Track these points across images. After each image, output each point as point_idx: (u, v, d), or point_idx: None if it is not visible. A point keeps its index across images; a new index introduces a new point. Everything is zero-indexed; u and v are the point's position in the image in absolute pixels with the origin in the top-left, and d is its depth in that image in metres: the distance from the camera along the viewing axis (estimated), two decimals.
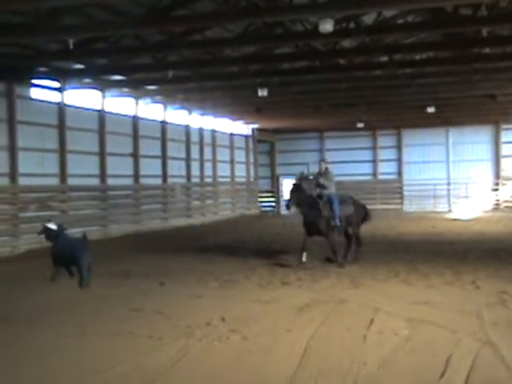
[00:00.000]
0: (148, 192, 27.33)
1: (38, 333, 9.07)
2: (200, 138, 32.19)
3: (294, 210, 16.64)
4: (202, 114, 31.91)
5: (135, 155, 26.24)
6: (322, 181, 16.12)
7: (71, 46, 16.21)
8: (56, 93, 21.61)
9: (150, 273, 14.62)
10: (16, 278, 14.58)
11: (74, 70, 20.68)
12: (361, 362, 7.27)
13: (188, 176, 30.80)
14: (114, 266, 15.71)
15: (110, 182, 24.41)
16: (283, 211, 39.92)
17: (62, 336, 8.85)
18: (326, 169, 16.47)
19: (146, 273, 14.67)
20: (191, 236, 24.40)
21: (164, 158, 28.58)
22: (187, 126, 30.82)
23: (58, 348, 8.26)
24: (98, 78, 21.82)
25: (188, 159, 30.80)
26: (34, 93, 20.79)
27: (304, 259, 15.18)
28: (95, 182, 23.75)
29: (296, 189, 16.29)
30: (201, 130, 32.26)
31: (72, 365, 7.49)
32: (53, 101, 21.56)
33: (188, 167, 30.83)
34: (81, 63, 20.13)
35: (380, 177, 40.12)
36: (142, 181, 26.66)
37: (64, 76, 20.79)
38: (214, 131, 33.75)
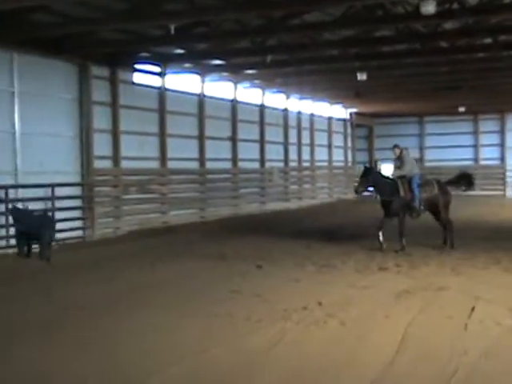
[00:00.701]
0: (246, 176, 27.54)
1: (139, 313, 9.29)
2: (298, 122, 32.16)
3: (362, 193, 17.01)
4: (300, 98, 31.83)
5: (233, 139, 26.47)
6: (397, 164, 16.14)
7: (172, 31, 16.43)
8: (157, 77, 22.02)
9: (247, 256, 14.75)
10: (117, 257, 14.97)
11: (175, 55, 21.01)
12: (461, 351, 7.10)
13: (286, 160, 30.85)
14: (211, 249, 15.94)
15: (209, 165, 24.71)
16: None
17: (164, 316, 9.04)
18: (401, 153, 16.33)
19: (244, 256, 14.81)
20: (288, 220, 24.46)
21: (262, 141, 28.71)
22: (285, 109, 30.83)
23: (159, 328, 8.44)
24: (198, 62, 22.10)
25: (286, 143, 30.84)
26: (136, 78, 21.24)
27: (381, 238, 15.22)
28: (194, 165, 24.10)
29: (367, 172, 16.36)
30: (299, 114, 32.21)
31: (172, 345, 7.63)
32: (154, 85, 21.98)
33: (286, 151, 30.88)
34: (181, 48, 20.42)
35: (482, 162, 39.02)
36: (240, 164, 26.87)
37: (165, 61, 21.15)
38: (312, 115, 33.64)
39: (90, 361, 7.10)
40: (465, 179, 16.75)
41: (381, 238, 15.32)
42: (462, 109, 34.68)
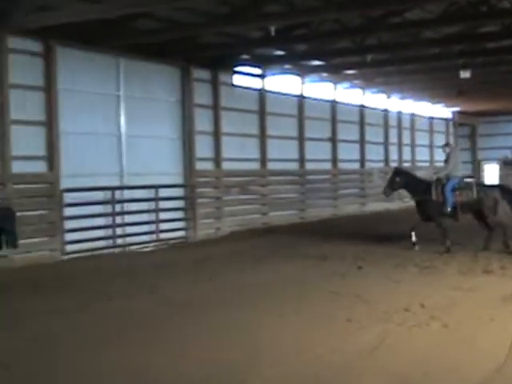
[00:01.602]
0: (345, 176, 27.40)
1: (240, 312, 9.40)
2: (398, 122, 31.76)
3: (390, 195, 16.89)
4: (401, 98, 31.41)
5: (333, 140, 26.38)
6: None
7: (273, 33, 16.55)
8: (257, 79, 22.22)
9: (347, 256, 14.67)
10: (219, 258, 15.18)
11: (275, 57, 21.15)
12: None
13: (386, 160, 30.52)
14: (311, 250, 15.93)
15: (309, 166, 24.72)
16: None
17: (264, 316, 9.12)
18: (449, 153, 16.02)
19: (343, 256, 14.74)
20: (388, 221, 24.16)
21: (362, 142, 28.52)
22: (385, 109, 30.50)
23: (259, 328, 8.51)
24: (298, 63, 22.18)
25: (386, 143, 30.51)
26: (237, 80, 21.50)
27: (413, 239, 15.35)
28: (294, 166, 24.17)
29: (396, 174, 16.45)
30: (399, 114, 31.80)
31: (273, 345, 7.66)
32: (254, 87, 22.19)
33: (386, 152, 30.55)
34: (281, 49, 20.54)
35: None
36: (340, 165, 26.76)
37: (265, 63, 21.32)
38: (412, 115, 33.14)
39: (193, 359, 7.22)
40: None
41: (413, 238, 15.40)
42: None
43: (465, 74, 21.42)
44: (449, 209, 15.33)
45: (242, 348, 7.58)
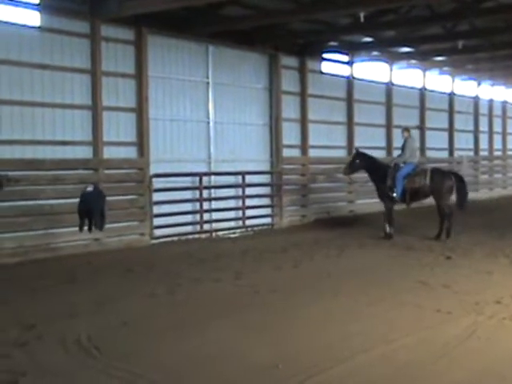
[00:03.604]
0: (434, 165, 26.84)
1: (325, 299, 9.42)
2: (489, 110, 30.95)
3: (350, 175, 17.88)
4: (492, 85, 30.58)
5: (422, 128, 25.95)
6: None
7: (361, 20, 16.36)
8: (345, 66, 22.04)
9: (436, 246, 14.47)
10: (305, 245, 15.19)
11: (363, 43, 20.93)
12: None
13: (476, 149, 29.84)
14: (397, 238, 15.75)
15: (396, 154, 24.34)
16: None
17: (351, 304, 9.10)
18: (407, 138, 16.55)
19: (432, 246, 14.55)
20: (478, 210, 23.61)
21: (451, 130, 27.94)
22: (476, 97, 29.78)
23: (347, 315, 8.52)
24: (386, 50, 21.88)
25: (476, 132, 29.80)
26: (324, 67, 21.37)
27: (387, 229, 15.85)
28: (382, 154, 23.85)
29: (357, 157, 16.70)
30: (490, 102, 30.99)
31: (360, 333, 7.64)
32: (342, 74, 22.02)
33: (476, 140, 29.85)
34: (370, 36, 20.31)
35: None
36: (428, 154, 26.30)
37: (353, 49, 21.13)
38: (504, 102, 32.23)
39: (277, 345, 7.27)
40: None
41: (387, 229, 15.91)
42: None
43: None
44: (394, 194, 15.82)
45: (329, 335, 7.60)
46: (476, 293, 9.59)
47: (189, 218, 16.77)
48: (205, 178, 16.92)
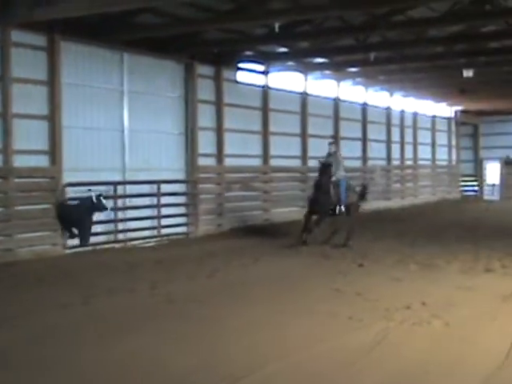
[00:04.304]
0: (348, 174, 27.30)
1: (241, 308, 9.44)
2: (401, 120, 31.74)
3: None
4: (404, 96, 31.39)
5: (335, 137, 26.36)
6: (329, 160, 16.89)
7: (276, 30, 16.55)
8: (260, 76, 22.21)
9: (349, 254, 14.71)
10: (221, 253, 15.18)
11: (278, 54, 21.14)
12: None
13: (388, 159, 30.53)
14: (313, 247, 15.94)
15: (311, 163, 24.70)
16: (486, 195, 38.65)
17: (265, 313, 9.14)
18: (336, 152, 17.34)
19: (345, 254, 14.78)
20: (390, 219, 24.19)
21: (364, 140, 28.51)
22: (388, 108, 30.49)
23: (261, 324, 8.54)
24: (301, 60, 22.16)
25: (388, 141, 30.50)
26: (240, 76, 21.49)
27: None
28: (296, 163, 24.17)
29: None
30: (402, 112, 31.79)
31: (273, 341, 7.70)
32: (257, 84, 22.18)
33: (388, 149, 30.55)
34: (285, 46, 20.54)
35: None
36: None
37: (268, 59, 21.30)
38: (415, 113, 33.13)
39: (193, 354, 7.24)
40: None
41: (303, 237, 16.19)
42: None
43: (468, 73, 21.44)
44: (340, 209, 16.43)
45: (243, 344, 7.61)
46: (387, 299, 9.79)
47: (103, 227, 16.53)
48: (119, 187, 16.72)
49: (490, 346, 7.37)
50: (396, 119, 31.22)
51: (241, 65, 21.16)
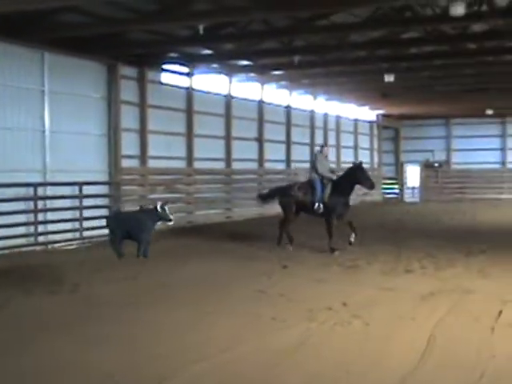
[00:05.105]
0: (271, 176, 27.55)
1: (165, 310, 9.37)
2: (324, 124, 32.15)
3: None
4: (327, 100, 31.80)
5: (260, 140, 26.52)
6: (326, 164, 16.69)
7: (201, 32, 16.53)
8: (185, 78, 22.15)
9: (273, 256, 14.78)
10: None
11: (203, 56, 21.13)
12: (489, 355, 7.06)
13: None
14: (237, 249, 15.97)
15: (235, 166, 24.79)
16: (407, 198, 39.53)
17: (189, 314, 9.10)
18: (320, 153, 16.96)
19: (269, 256, 14.85)
20: (313, 221, 24.38)
21: (288, 142, 28.75)
22: (312, 111, 30.84)
23: (185, 326, 8.51)
24: (226, 63, 22.20)
25: (312, 144, 30.82)
26: (164, 78, 21.38)
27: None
28: (221, 165, 24.19)
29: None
30: (325, 116, 32.20)
31: (197, 343, 7.67)
32: (181, 85, 22.11)
33: (312, 152, 30.84)
34: (209, 48, 20.53)
35: (509, 166, 38.71)
36: (266, 165, 26.92)
37: (193, 61, 21.28)
38: (338, 117, 33.61)
39: (117, 356, 7.16)
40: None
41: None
42: (489, 111, 34.48)
43: (389, 78, 21.88)
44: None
45: (166, 346, 7.56)
46: (309, 300, 9.89)
47: (23, 230, 16.17)
48: (40, 189, 16.38)
49: (408, 344, 7.51)
50: (319, 122, 31.61)
51: (165, 66, 21.08)
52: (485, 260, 14.06)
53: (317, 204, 15.88)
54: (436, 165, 39.91)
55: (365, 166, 18.47)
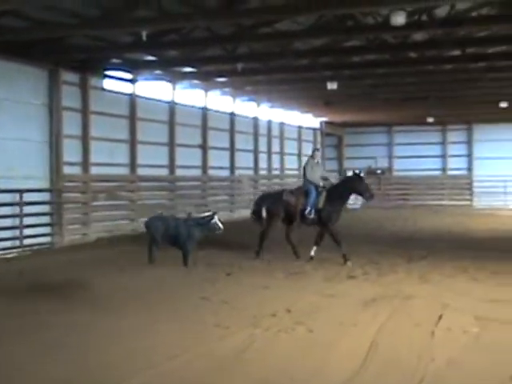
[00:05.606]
0: (215, 183, 27.56)
1: (108, 318, 9.27)
2: (268, 131, 32.28)
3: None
4: (271, 107, 31.95)
5: (204, 147, 26.48)
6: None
7: (144, 38, 16.43)
8: (128, 84, 21.98)
9: (217, 263, 14.75)
10: (86, 264, 14.87)
11: (146, 62, 20.98)
12: (429, 359, 7.18)
13: (255, 168, 30.94)
14: (181, 256, 15.86)
15: (179, 172, 24.69)
16: (349, 204, 39.86)
17: (133, 322, 9.03)
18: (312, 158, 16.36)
19: (213, 263, 14.81)
20: (256, 228, 24.41)
21: (232, 149, 28.77)
22: (255, 118, 30.93)
23: (129, 334, 8.46)
24: (169, 69, 22.10)
25: (256, 151, 30.92)
26: (107, 84, 21.18)
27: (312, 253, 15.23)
28: (164, 172, 24.06)
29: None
30: (269, 123, 32.34)
31: (142, 350, 7.64)
32: (125, 92, 21.93)
33: (256, 159, 30.96)
34: (152, 55, 20.40)
35: (449, 172, 39.47)
36: (210, 172, 26.90)
37: (136, 68, 21.11)
38: (282, 124, 33.78)
39: (61, 364, 7.10)
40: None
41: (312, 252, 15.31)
42: (430, 119, 35.12)
43: (332, 86, 22.07)
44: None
45: (112, 354, 7.51)
46: (253, 307, 9.91)
47: None
48: None
49: (351, 350, 7.59)
50: (263, 129, 31.73)
51: (108, 72, 20.87)
52: (426, 265, 14.30)
53: (308, 209, 15.32)
54: (378, 171, 40.43)
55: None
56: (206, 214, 14.50)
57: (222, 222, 14.41)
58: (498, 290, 11.32)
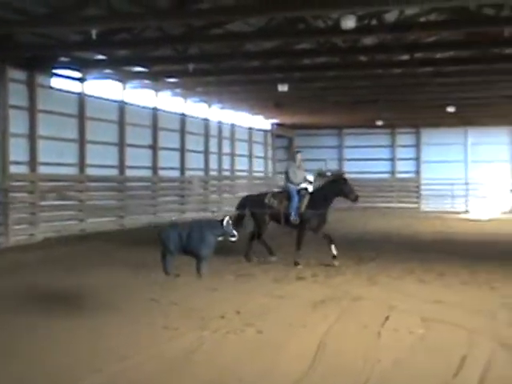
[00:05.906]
0: (166, 184, 27.43)
1: (56, 321, 9.14)
2: (219, 132, 32.26)
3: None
4: (222, 108, 31.94)
5: (154, 147, 26.33)
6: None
7: (93, 37, 16.26)
8: (77, 83, 21.72)
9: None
10: (32, 265, 14.66)
11: (95, 61, 20.78)
12: (375, 360, 7.26)
13: (206, 169, 30.88)
14: (130, 258, 15.78)
15: (129, 173, 24.51)
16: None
17: (82, 324, 8.91)
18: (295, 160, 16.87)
19: (159, 263, 14.69)
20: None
21: (182, 150, 28.67)
22: (206, 119, 30.89)
23: (78, 336, 8.35)
24: (119, 69, 21.92)
25: (206, 152, 30.87)
26: (55, 82, 20.90)
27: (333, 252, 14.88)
28: (114, 172, 23.86)
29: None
30: (220, 124, 32.32)
31: (92, 353, 7.58)
32: (73, 91, 21.68)
33: (206, 160, 30.91)
34: (102, 54, 20.22)
35: (398, 175, 39.98)
36: (160, 173, 26.76)
37: (85, 66, 20.90)
38: (233, 125, 33.79)
39: (12, 368, 7.02)
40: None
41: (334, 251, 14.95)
42: (379, 122, 35.52)
43: (282, 88, 22.16)
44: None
45: (61, 357, 7.43)
46: (202, 309, 9.87)
47: None
48: None
49: (299, 351, 7.63)
50: (214, 130, 31.69)
51: (56, 71, 20.59)
52: (374, 267, 14.45)
53: (293, 214, 15.22)
54: (328, 174, 40.64)
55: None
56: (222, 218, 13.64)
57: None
58: (444, 292, 11.50)
